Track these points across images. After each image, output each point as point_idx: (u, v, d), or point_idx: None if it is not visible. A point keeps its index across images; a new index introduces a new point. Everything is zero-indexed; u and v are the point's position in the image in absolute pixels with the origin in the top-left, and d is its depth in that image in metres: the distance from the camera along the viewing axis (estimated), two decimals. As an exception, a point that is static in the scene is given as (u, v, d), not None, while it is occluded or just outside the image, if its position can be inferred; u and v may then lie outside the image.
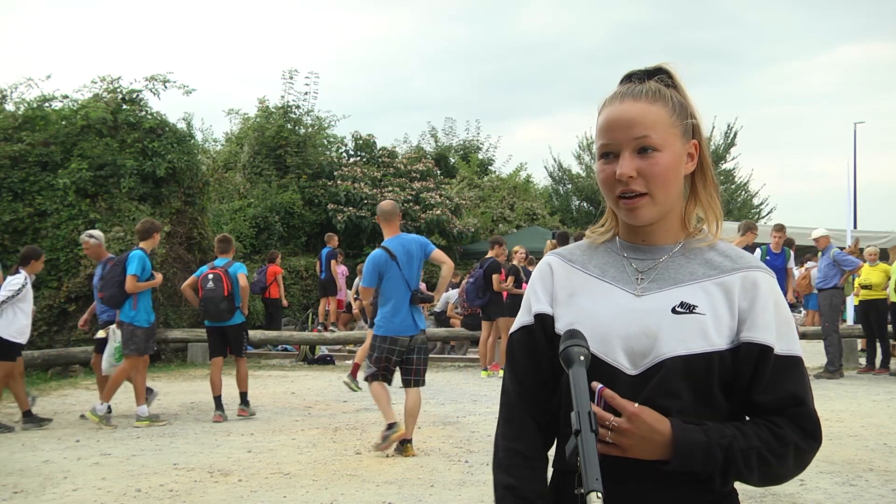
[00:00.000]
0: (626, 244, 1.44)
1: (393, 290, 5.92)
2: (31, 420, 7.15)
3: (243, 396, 7.87)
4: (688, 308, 1.33)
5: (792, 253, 10.49)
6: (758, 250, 9.99)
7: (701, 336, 1.31)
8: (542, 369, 1.42)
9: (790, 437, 1.29)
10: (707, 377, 1.30)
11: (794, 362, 1.33)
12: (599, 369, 1.30)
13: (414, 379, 5.99)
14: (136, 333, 7.35)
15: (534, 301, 1.46)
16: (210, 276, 7.68)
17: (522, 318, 1.47)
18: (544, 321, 1.43)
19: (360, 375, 7.53)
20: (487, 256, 10.98)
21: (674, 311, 1.33)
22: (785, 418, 1.30)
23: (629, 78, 1.43)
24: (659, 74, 1.41)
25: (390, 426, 5.88)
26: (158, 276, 7.60)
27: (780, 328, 1.33)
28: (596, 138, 1.39)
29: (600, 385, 1.26)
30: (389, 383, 6.04)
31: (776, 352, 1.31)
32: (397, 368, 6.02)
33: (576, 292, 1.42)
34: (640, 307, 1.35)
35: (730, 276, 1.36)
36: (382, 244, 6.10)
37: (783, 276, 10.06)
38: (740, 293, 1.34)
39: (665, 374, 1.30)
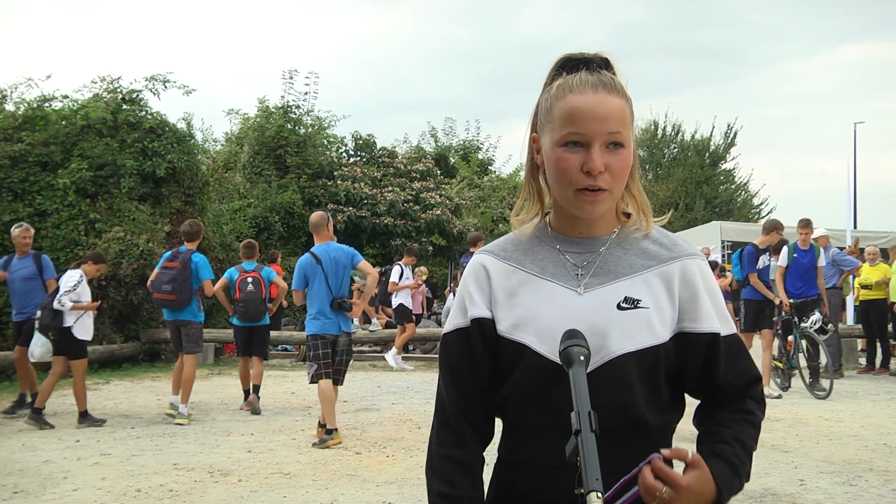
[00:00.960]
0: (560, 237, 1.42)
1: (317, 293, 6.44)
2: (37, 419, 7.16)
3: (256, 388, 8.13)
4: (632, 303, 1.34)
5: (822, 249, 9.64)
6: (785, 248, 9.30)
7: (647, 330, 1.32)
8: (478, 372, 1.39)
9: (759, 418, 1.39)
10: (655, 369, 1.33)
11: (737, 339, 1.40)
12: (548, 369, 1.30)
13: (334, 378, 6.48)
14: (202, 332, 7.95)
15: (469, 304, 1.41)
16: (249, 279, 8.25)
17: (457, 321, 1.42)
18: (482, 324, 1.39)
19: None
20: None
21: (619, 307, 1.34)
22: (750, 399, 1.39)
23: (586, 64, 1.36)
24: (606, 64, 1.37)
25: (329, 431, 6.33)
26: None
27: (718, 312, 1.38)
28: (559, 122, 1.32)
29: (655, 454, 1.25)
30: (333, 378, 6.45)
31: (722, 335, 1.36)
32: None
33: (516, 292, 1.39)
34: (585, 304, 1.34)
35: (668, 266, 1.37)
36: (311, 250, 6.62)
37: (813, 275, 9.22)
38: (680, 283, 1.36)
39: (617, 371, 1.30)
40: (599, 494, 1.06)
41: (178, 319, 7.62)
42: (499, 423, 1.45)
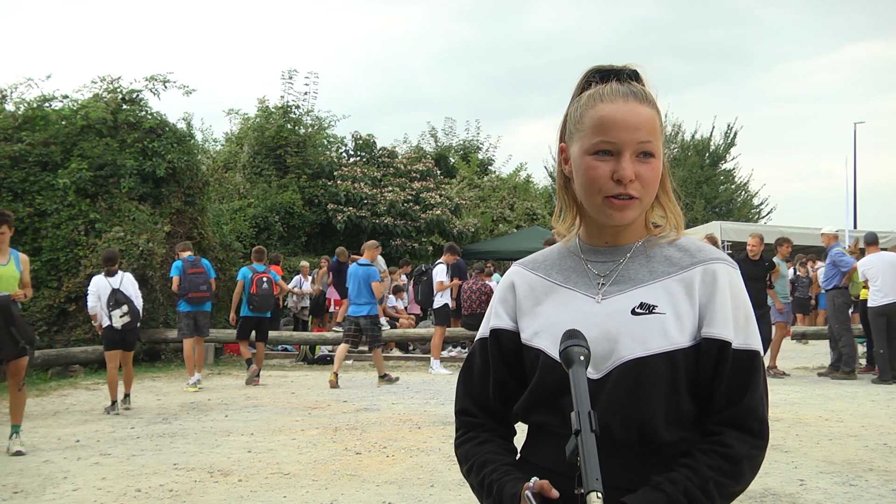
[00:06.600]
0: (587, 247, 1.44)
1: (351, 291, 10.03)
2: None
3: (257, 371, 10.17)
4: (647, 308, 1.33)
5: None
6: None
7: (661, 335, 1.30)
8: (490, 380, 1.45)
9: (739, 452, 1.27)
10: (672, 377, 1.30)
11: (751, 356, 1.32)
12: (560, 375, 1.28)
13: (359, 343, 10.31)
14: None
15: (493, 316, 1.48)
16: (265, 278, 10.34)
17: (482, 331, 1.50)
18: (499, 335, 1.45)
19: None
20: None
21: (633, 312, 1.33)
22: (731, 429, 1.28)
23: (616, 75, 1.38)
24: (635, 76, 1.39)
25: (336, 374, 9.65)
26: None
27: (738, 321, 1.32)
28: (589, 131, 1.33)
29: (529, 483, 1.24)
30: (355, 347, 10.41)
31: (734, 346, 1.30)
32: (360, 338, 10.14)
33: (540, 300, 1.43)
34: (601, 311, 1.35)
35: (689, 271, 1.35)
36: (358, 262, 10.12)
37: None
38: (700, 287, 1.33)
39: (627, 377, 1.29)
40: (599, 494, 1.06)
41: (201, 310, 9.79)
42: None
